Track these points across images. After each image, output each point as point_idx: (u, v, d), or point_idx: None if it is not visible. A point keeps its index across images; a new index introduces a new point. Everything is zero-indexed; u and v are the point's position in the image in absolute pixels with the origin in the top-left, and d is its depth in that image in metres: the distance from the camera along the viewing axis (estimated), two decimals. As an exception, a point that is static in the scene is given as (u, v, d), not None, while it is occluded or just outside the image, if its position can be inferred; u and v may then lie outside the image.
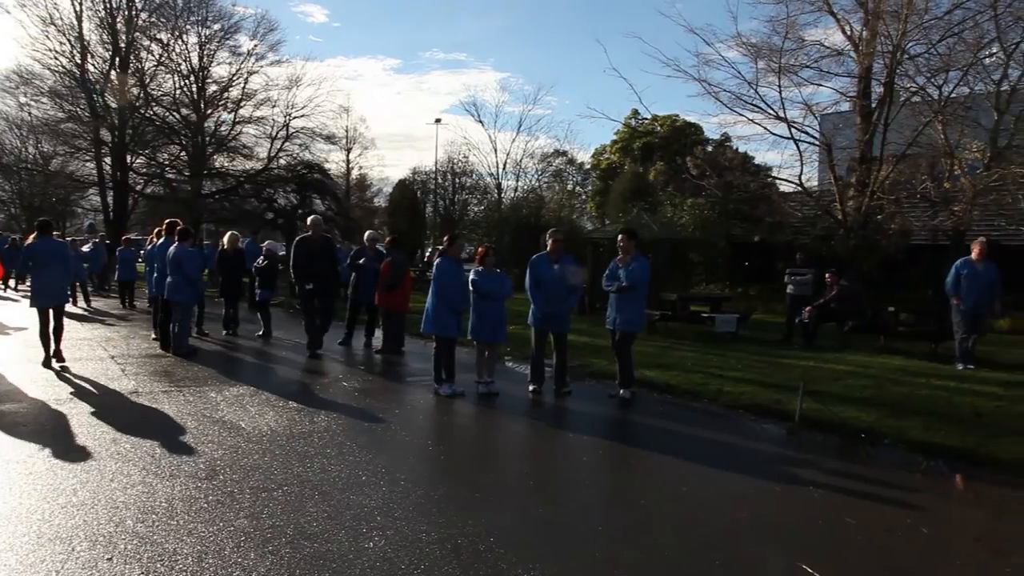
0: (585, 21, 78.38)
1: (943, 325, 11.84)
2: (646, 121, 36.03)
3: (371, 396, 8.25)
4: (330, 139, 34.74)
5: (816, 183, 21.42)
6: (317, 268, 10.89)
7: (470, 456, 6.31)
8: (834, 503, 5.11)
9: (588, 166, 40.52)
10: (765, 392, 8.41)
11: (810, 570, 3.90)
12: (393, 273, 11.12)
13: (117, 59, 29.82)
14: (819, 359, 11.09)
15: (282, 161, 32.86)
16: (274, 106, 32.27)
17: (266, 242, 13.79)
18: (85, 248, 21.01)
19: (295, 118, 32.57)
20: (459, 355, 8.77)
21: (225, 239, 14.01)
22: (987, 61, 17.35)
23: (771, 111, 18.35)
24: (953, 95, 17.59)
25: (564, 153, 38.09)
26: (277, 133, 32.40)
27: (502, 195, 32.76)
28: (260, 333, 12.94)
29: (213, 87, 32.14)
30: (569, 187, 39.66)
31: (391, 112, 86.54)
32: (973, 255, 10.99)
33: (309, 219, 11.50)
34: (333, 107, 36.93)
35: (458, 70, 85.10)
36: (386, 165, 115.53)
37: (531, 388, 8.57)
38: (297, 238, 11.28)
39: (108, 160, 30.60)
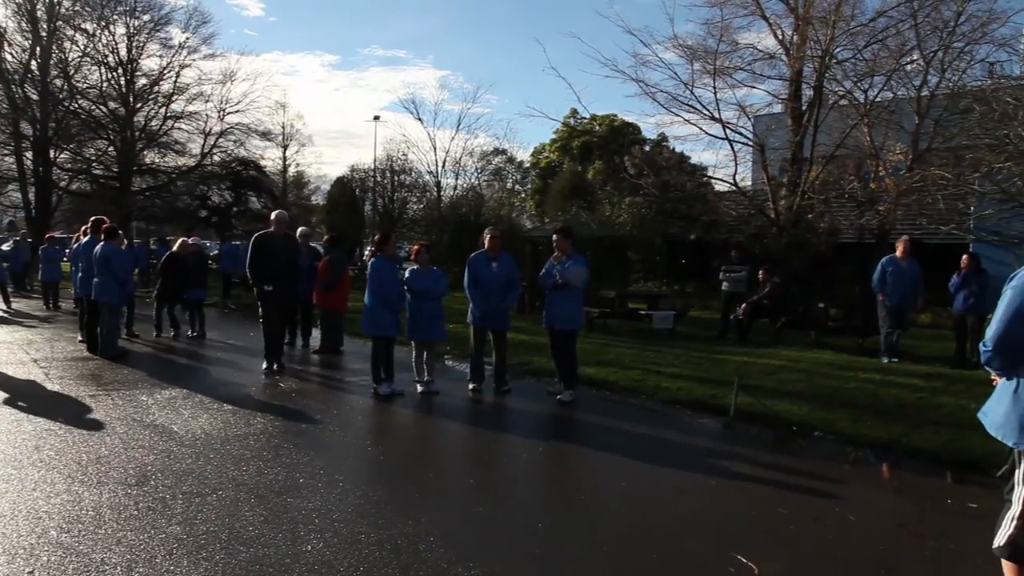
0: (525, 20, 78.72)
1: (869, 320, 12.27)
2: (585, 120, 36.36)
3: (309, 397, 8.12)
4: (266, 135, 34.10)
5: (750, 183, 21.94)
6: (278, 269, 9.60)
7: (410, 456, 6.26)
8: (767, 494, 5.24)
9: (527, 164, 40.68)
10: (701, 387, 8.58)
11: (744, 560, 3.99)
12: (331, 272, 10.98)
13: (38, 48, 28.64)
14: (753, 354, 11.37)
15: (216, 158, 32.09)
16: (207, 101, 31.51)
17: (191, 239, 13.38)
18: (5, 247, 20.15)
19: (230, 113, 31.87)
20: (398, 354, 8.70)
21: (177, 244, 13.55)
22: (908, 67, 18.03)
23: (706, 112, 18.71)
24: (878, 99, 18.23)
25: (503, 151, 38.15)
26: (211, 129, 31.65)
27: (441, 193, 32.61)
28: (193, 334, 12.62)
29: (143, 80, 31.21)
30: (508, 185, 39.72)
31: (329, 109, 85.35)
32: (897, 253, 11.41)
33: (274, 214, 9.98)
34: (269, 103, 36.24)
35: (397, 67, 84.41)
36: (324, 162, 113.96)
37: (471, 386, 8.57)
38: (256, 235, 9.87)
39: (29, 155, 29.36)
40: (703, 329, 14.56)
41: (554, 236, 8.57)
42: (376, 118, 40.45)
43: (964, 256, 11.25)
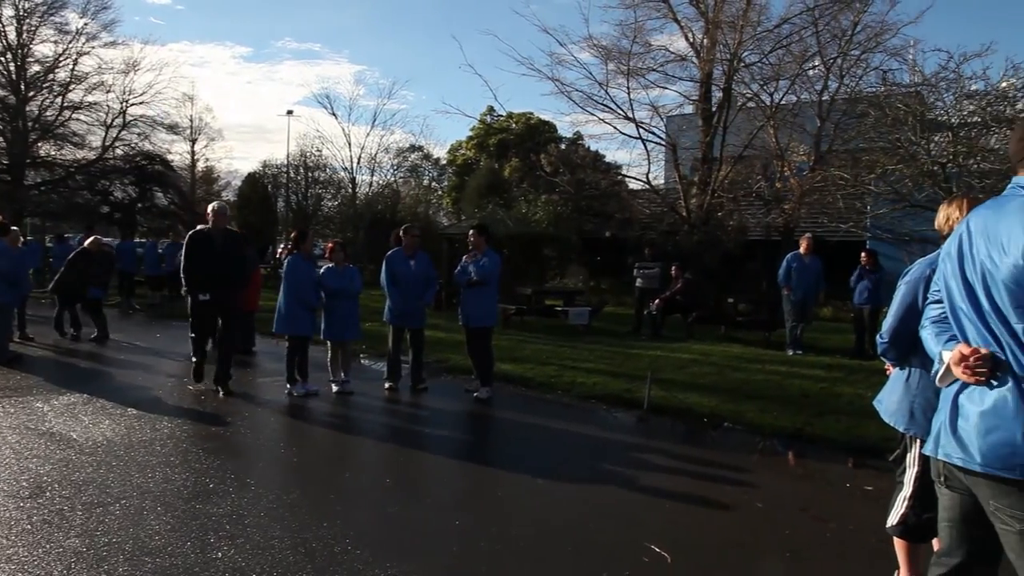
0: (442, 17, 78.26)
1: (775, 314, 12.76)
2: (501, 118, 36.45)
3: (219, 399, 7.86)
4: (173, 129, 32.74)
5: (662, 181, 22.46)
6: (219, 274, 7.98)
7: (324, 457, 6.14)
8: (678, 485, 5.38)
9: (444, 161, 40.49)
10: (616, 382, 8.73)
11: (658, 550, 4.08)
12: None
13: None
14: (666, 349, 11.65)
15: (119, 151, 30.61)
16: (109, 91, 29.98)
17: (91, 238, 12.75)
18: None
19: (133, 105, 30.42)
20: (313, 354, 8.53)
21: (89, 241, 12.84)
22: (810, 73, 18.84)
23: (621, 111, 19.07)
24: (783, 102, 18.97)
25: (420, 148, 37.86)
26: (113, 121, 30.15)
27: (357, 190, 32.13)
28: (93, 336, 12.04)
29: (36, 67, 29.41)
30: (425, 182, 39.48)
31: (240, 102, 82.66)
32: (801, 250, 11.90)
33: (211, 206, 8.41)
34: (176, 95, 34.68)
35: (312, 61, 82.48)
36: (235, 157, 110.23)
37: (387, 385, 8.48)
38: (190, 233, 8.30)
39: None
40: (618, 325, 14.84)
41: (470, 233, 8.56)
42: (289, 113, 39.51)
43: (862, 253, 11.82)
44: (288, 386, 8.13)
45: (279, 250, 29.65)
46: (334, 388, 8.23)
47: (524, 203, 22.68)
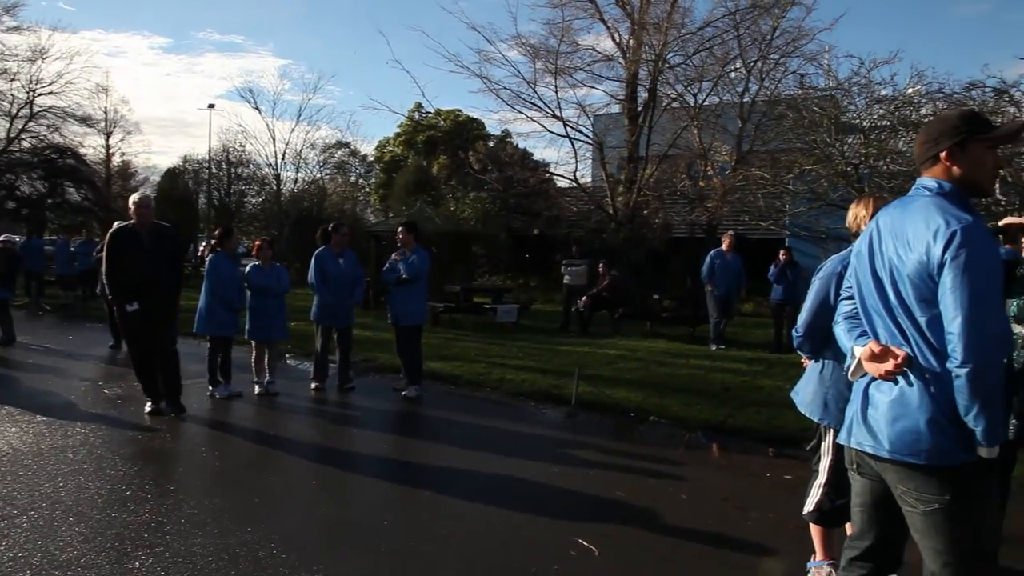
0: (368, 11, 77.10)
1: (699, 310, 13.08)
2: (429, 115, 36.29)
3: (137, 403, 7.55)
4: (86, 121, 31.35)
5: (590, 179, 22.74)
6: (148, 278, 6.80)
7: (248, 460, 5.98)
8: (606, 479, 5.45)
9: (371, 158, 40.00)
10: (544, 378, 8.80)
11: (585, 543, 4.13)
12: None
13: None
14: (593, 345, 11.80)
15: (26, 143, 29.19)
16: (13, 79, 28.54)
17: (2, 236, 12.12)
18: None
19: (41, 95, 29.07)
20: (236, 355, 8.31)
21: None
22: (732, 75, 19.36)
23: (548, 110, 19.23)
24: (706, 103, 19.43)
25: (347, 144, 37.27)
26: (18, 111, 28.73)
27: (282, 187, 31.41)
28: None
29: (-73, 51, 27.79)
30: (352, 179, 38.90)
31: (159, 95, 79.60)
32: (723, 247, 12.22)
33: (132, 198, 7.09)
34: (89, 86, 33.09)
35: (235, 54, 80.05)
36: (153, 152, 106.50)
37: (313, 386, 8.33)
38: (112, 231, 7.04)
39: None
40: (546, 321, 14.94)
41: (398, 231, 8.49)
42: (211, 106, 38.16)
43: (781, 250, 12.21)
44: (210, 388, 7.91)
45: (201, 248, 28.80)
46: (258, 389, 8.04)
47: (452, 201, 22.64)
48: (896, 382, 2.33)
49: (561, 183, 22.36)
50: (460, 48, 68.80)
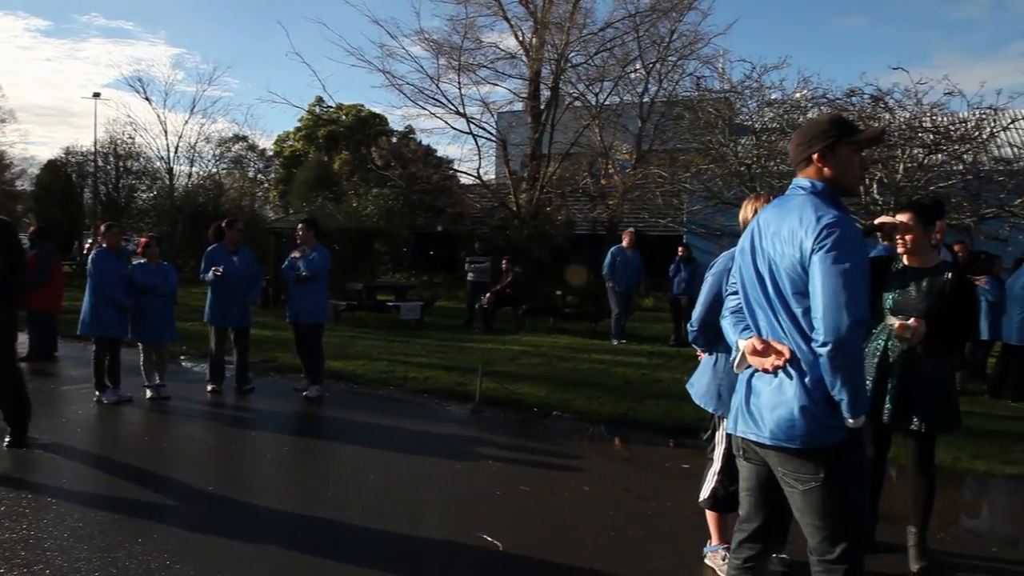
0: (267, 1, 74.79)
1: (601, 306, 13.34)
2: (331, 109, 35.55)
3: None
4: (-52, 107, 29.17)
5: (493, 177, 22.84)
6: None
7: (140, 469, 5.64)
8: (510, 474, 5.49)
9: (271, 153, 38.87)
10: (449, 375, 8.78)
11: (489, 538, 4.15)
12: (41, 267, 9.69)
13: None
14: (497, 341, 11.86)
15: None
16: None
17: None
18: None
19: (-101, 79, 26.88)
20: (125, 357, 7.92)
21: None
22: (632, 75, 19.83)
23: (452, 106, 19.20)
24: (607, 102, 19.83)
25: (244, 138, 36.04)
26: None
27: (175, 181, 30.11)
28: None
29: None
30: (250, 174, 37.69)
31: (38, 81, 74.82)
32: (624, 244, 12.50)
33: None
34: (-47, 69, 30.80)
35: (123, 40, 75.78)
36: (32, 142, 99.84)
37: (210, 388, 8.03)
38: None
39: None
40: (450, 318, 14.91)
41: (298, 227, 8.29)
42: (97, 95, 36.13)
43: (679, 246, 12.58)
44: (97, 393, 7.49)
45: (86, 245, 27.28)
46: (149, 393, 7.69)
47: (355, 197, 22.27)
48: (776, 375, 2.49)
49: (465, 180, 22.39)
50: (362, 42, 67.50)
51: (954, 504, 5.22)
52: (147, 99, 30.02)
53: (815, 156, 2.55)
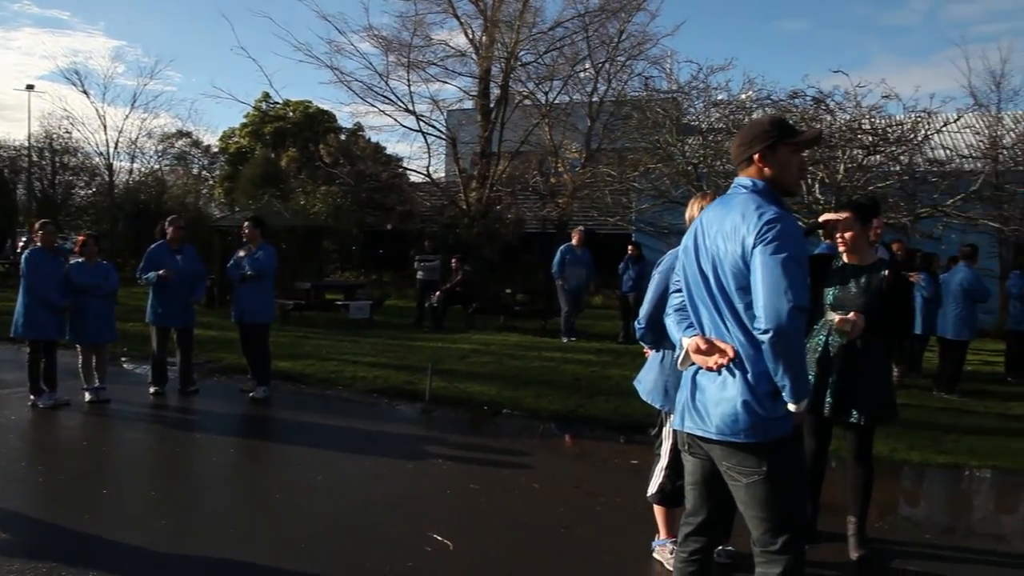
0: (209, -6, 72.84)
1: (551, 304, 13.41)
2: (278, 105, 34.92)
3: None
4: None
5: (443, 175, 22.75)
6: None
7: (79, 475, 5.44)
8: (460, 473, 5.49)
9: (216, 149, 38.03)
10: (398, 375, 8.72)
11: (440, 538, 4.14)
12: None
13: None
14: (447, 340, 11.83)
15: None
16: None
17: None
18: None
19: None
20: (62, 359, 7.67)
21: None
22: (582, 75, 19.96)
23: (401, 104, 19.04)
24: (556, 101, 19.92)
25: (188, 134, 35.18)
26: None
27: (115, 178, 29.25)
28: None
29: None
30: (195, 171, 36.84)
31: (-37, 70, 71.68)
32: (573, 242, 12.58)
33: None
34: None
35: (59, 30, 72.92)
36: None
37: (152, 390, 7.84)
38: None
39: None
40: (400, 317, 14.83)
41: (244, 225, 8.15)
42: (30, 87, 34.86)
43: (628, 245, 12.71)
44: (32, 397, 7.23)
45: (19, 244, 26.33)
46: (87, 396, 7.46)
47: (302, 195, 21.96)
48: (719, 373, 2.54)
49: (414, 178, 22.25)
50: (310, 37, 66.28)
51: (891, 493, 5.39)
52: (85, 92, 29.06)
53: (756, 156, 2.61)
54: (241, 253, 7.97)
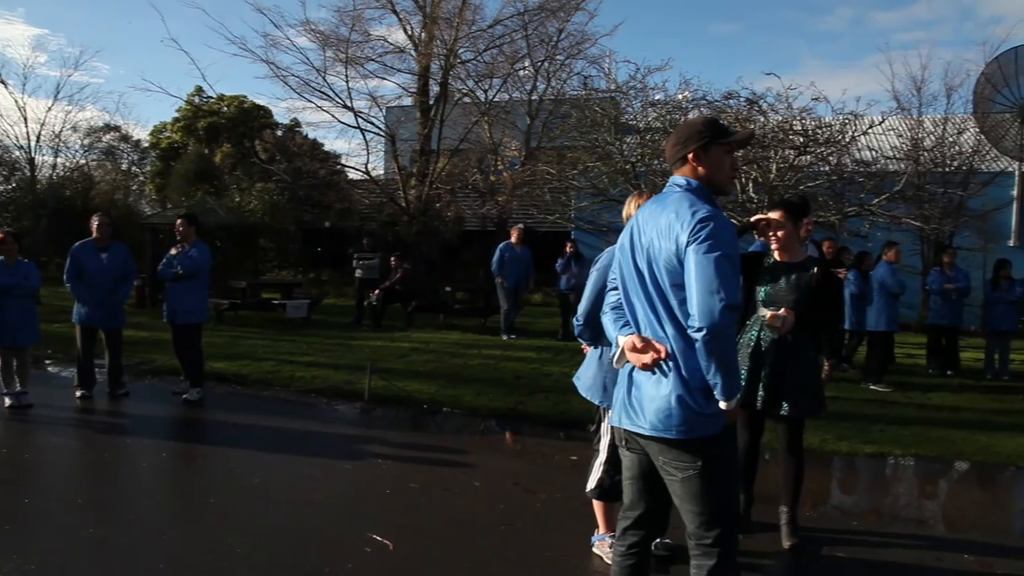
0: (139, -16, 70.39)
1: (491, 301, 13.42)
2: (211, 100, 34.07)
3: None
4: None
5: (382, 172, 22.54)
6: None
7: None
8: (400, 472, 5.45)
9: (146, 144, 36.88)
10: (337, 374, 8.61)
11: (380, 539, 4.11)
12: None
13: None
14: (387, 338, 11.74)
15: None
16: None
17: None
18: None
19: None
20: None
21: None
22: (521, 73, 20.03)
23: (339, 100, 18.81)
24: (496, 99, 19.94)
25: (117, 128, 33.98)
26: None
27: (37, 173, 28.09)
28: None
29: None
30: (124, 167, 35.64)
31: None
32: (512, 239, 12.61)
33: None
34: None
35: (-28, 19, 69.97)
36: None
37: (78, 393, 7.55)
38: None
39: None
40: (338, 316, 14.64)
41: (177, 223, 7.93)
42: (-59, 76, 33.21)
43: (567, 242, 12.81)
44: (-52, 401, 6.92)
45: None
46: (7, 402, 7.14)
47: (238, 192, 21.47)
48: (653, 372, 2.58)
49: (353, 175, 22.01)
50: (245, 31, 64.90)
51: (822, 483, 5.57)
52: (3, 82, 27.83)
53: (690, 155, 2.66)
54: (174, 251, 7.76)
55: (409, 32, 19.18)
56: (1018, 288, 9.97)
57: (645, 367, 2.58)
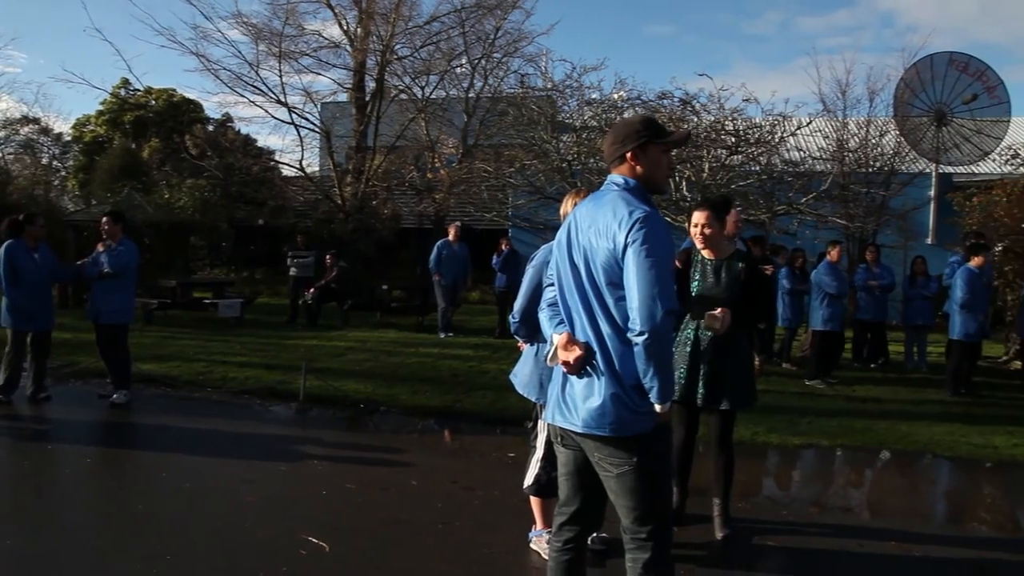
0: (59, -30, 67.62)
1: (428, 299, 13.37)
2: (138, 92, 33.01)
3: None
4: None
5: (317, 169, 22.20)
6: None
7: None
8: (336, 473, 5.38)
9: (68, 138, 35.50)
10: (271, 374, 8.46)
11: (316, 540, 4.05)
12: None
13: None
14: (322, 337, 11.58)
15: None
16: None
17: None
18: None
19: None
20: None
21: None
22: (458, 70, 19.99)
23: (272, 95, 18.50)
24: (433, 96, 19.86)
25: (36, 120, 32.65)
26: None
27: (-50, 167, 26.83)
28: None
29: None
30: (44, 161, 34.26)
31: None
32: (450, 237, 12.57)
33: None
34: None
35: None
36: None
37: (-1, 398, 7.23)
38: None
39: None
40: (272, 315, 14.37)
41: (103, 220, 7.65)
42: None
43: (502, 240, 12.84)
44: None
45: None
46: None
47: (166, 188, 20.88)
48: (585, 373, 2.60)
49: (287, 172, 21.62)
50: (173, 22, 62.80)
51: (753, 475, 5.71)
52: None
53: (629, 154, 2.68)
54: (99, 249, 7.49)
55: (344, 27, 18.96)
56: (934, 284, 10.42)
57: (568, 367, 2.61)
